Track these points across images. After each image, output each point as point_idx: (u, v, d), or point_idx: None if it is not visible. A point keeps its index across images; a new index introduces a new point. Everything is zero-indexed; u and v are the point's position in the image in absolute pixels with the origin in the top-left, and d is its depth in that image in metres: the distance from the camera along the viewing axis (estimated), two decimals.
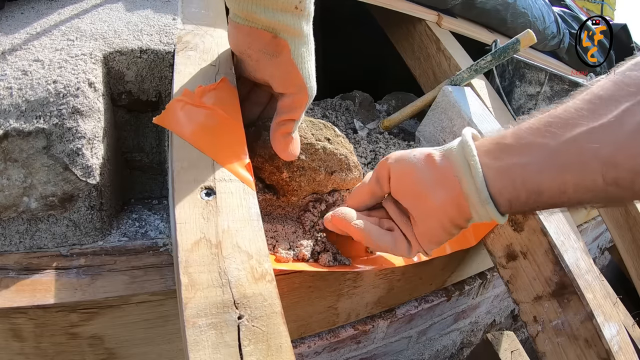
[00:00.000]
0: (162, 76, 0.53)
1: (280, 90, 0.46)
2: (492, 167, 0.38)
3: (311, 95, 0.46)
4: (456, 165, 0.40)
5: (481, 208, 0.39)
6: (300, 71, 0.44)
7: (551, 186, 0.35)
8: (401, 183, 0.44)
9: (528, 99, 0.98)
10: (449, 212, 0.41)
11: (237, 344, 0.30)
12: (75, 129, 0.42)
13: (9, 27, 0.50)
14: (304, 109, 0.47)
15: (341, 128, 0.77)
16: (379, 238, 0.45)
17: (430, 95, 0.88)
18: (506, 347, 0.90)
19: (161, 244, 0.48)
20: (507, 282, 0.65)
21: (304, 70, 0.45)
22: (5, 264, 0.42)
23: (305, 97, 0.46)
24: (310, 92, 0.46)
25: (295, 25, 0.42)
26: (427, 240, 0.44)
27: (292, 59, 0.44)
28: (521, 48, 0.73)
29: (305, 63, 0.45)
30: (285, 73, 0.44)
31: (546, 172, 0.35)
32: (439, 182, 0.41)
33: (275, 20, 0.41)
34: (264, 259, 0.36)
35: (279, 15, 0.41)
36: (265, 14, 0.41)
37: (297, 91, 0.45)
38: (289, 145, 0.47)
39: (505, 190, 0.38)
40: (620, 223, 1.16)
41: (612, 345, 0.55)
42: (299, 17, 0.42)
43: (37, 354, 0.42)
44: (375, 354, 0.79)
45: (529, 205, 0.38)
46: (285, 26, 0.42)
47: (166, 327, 0.47)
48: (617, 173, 0.32)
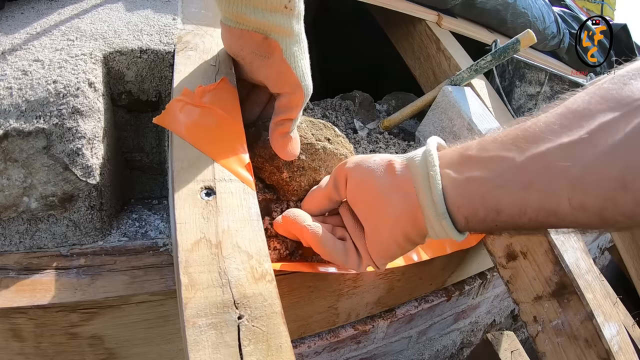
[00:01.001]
0: (162, 76, 0.53)
1: (275, 90, 0.46)
2: (452, 180, 0.35)
3: (307, 93, 0.46)
4: (416, 176, 0.37)
5: (437, 223, 0.36)
6: (293, 70, 0.44)
7: (511, 204, 0.32)
8: (357, 190, 0.42)
9: (528, 99, 0.98)
10: (404, 225, 0.38)
11: (237, 344, 0.30)
12: (75, 129, 0.42)
13: (9, 27, 0.50)
14: (301, 108, 0.47)
15: (341, 128, 0.77)
16: (331, 246, 0.42)
17: (430, 95, 0.88)
18: (506, 347, 0.90)
19: (161, 244, 0.48)
20: (507, 282, 0.65)
21: (297, 69, 0.44)
22: (5, 264, 0.42)
23: (301, 96, 0.45)
24: (306, 90, 0.45)
25: (285, 24, 0.42)
26: (378, 254, 0.41)
27: (284, 59, 0.43)
28: (521, 48, 0.73)
29: (299, 62, 0.44)
30: (278, 73, 0.44)
31: (507, 188, 0.32)
32: (395, 192, 0.38)
33: (265, 20, 0.41)
34: (264, 259, 0.36)
35: (268, 16, 0.41)
36: (255, 15, 0.40)
37: (292, 90, 0.45)
38: (288, 144, 0.46)
39: (463, 206, 0.35)
40: None
41: (612, 345, 0.55)
42: (289, 16, 0.42)
43: (37, 354, 0.42)
44: (375, 354, 0.79)
45: (487, 224, 0.35)
46: (275, 26, 0.42)
47: (166, 327, 0.47)
48: (585, 197, 0.29)
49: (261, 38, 0.42)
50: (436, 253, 0.61)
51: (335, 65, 1.48)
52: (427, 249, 0.60)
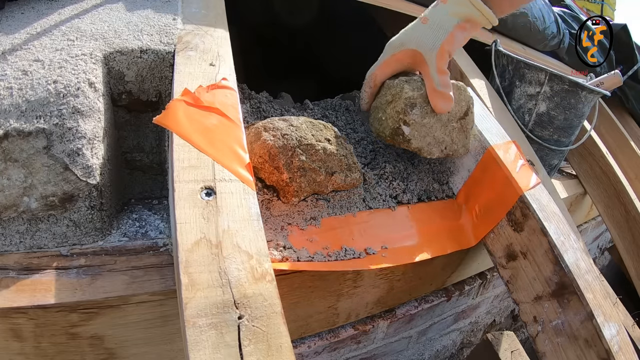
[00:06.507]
0: (162, 76, 0.53)
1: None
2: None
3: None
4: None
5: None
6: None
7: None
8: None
9: (528, 99, 0.98)
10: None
11: (237, 344, 0.30)
12: (75, 129, 0.42)
13: (9, 27, 0.50)
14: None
15: (341, 128, 0.77)
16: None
17: None
18: (506, 347, 0.90)
19: (161, 244, 0.48)
20: (507, 282, 0.65)
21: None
22: (6, 264, 0.42)
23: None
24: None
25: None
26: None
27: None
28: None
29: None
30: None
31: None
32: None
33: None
34: (264, 259, 0.36)
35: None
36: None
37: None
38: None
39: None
40: (620, 223, 1.16)
41: (612, 345, 0.55)
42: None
43: (37, 354, 0.42)
44: (375, 354, 0.79)
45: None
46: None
47: (166, 327, 0.47)
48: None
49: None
50: (436, 253, 0.61)
51: (335, 65, 1.48)
52: (427, 248, 0.60)
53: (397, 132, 0.61)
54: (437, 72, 0.59)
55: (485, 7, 0.58)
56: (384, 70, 0.65)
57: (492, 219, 0.65)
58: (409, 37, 0.61)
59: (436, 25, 0.59)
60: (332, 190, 0.56)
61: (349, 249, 0.53)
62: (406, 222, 0.62)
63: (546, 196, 0.65)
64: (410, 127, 0.60)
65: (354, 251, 0.53)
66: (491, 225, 0.65)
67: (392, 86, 0.63)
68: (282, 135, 0.50)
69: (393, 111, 0.61)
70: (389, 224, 0.60)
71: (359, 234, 0.56)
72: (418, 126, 0.61)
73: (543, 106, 0.96)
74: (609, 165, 1.18)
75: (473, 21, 0.59)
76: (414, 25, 0.62)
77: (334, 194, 0.56)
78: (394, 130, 0.61)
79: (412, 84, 0.62)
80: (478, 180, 0.68)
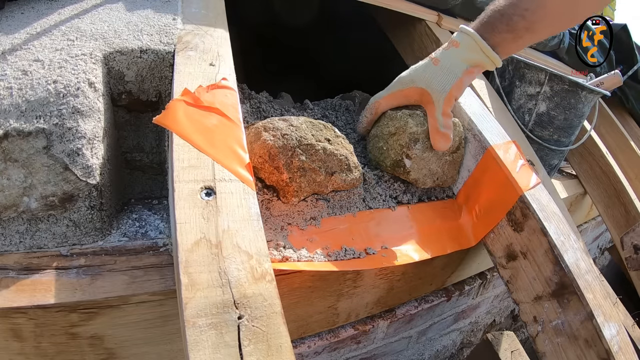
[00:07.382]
0: (162, 76, 0.53)
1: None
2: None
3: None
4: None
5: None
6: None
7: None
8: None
9: (528, 99, 0.98)
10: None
11: (237, 344, 0.30)
12: (75, 129, 0.42)
13: (9, 27, 0.50)
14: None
15: (341, 128, 0.77)
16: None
17: None
18: (506, 347, 0.90)
19: (161, 244, 0.48)
20: (507, 282, 0.65)
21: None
22: (5, 264, 0.42)
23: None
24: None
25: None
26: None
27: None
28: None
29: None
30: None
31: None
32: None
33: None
34: (264, 259, 0.36)
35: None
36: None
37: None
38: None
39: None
40: (620, 223, 1.16)
41: (612, 346, 0.55)
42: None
43: (37, 354, 0.42)
44: (375, 354, 0.79)
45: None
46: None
47: (166, 327, 0.47)
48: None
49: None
50: (436, 253, 0.61)
51: (335, 65, 1.48)
52: (427, 248, 0.60)
53: (398, 164, 0.64)
54: (443, 114, 0.62)
55: (494, 53, 0.60)
56: (390, 102, 0.67)
57: (492, 219, 0.65)
58: (419, 76, 0.63)
59: (447, 69, 0.61)
60: (332, 190, 0.56)
61: (349, 249, 0.53)
62: (406, 222, 0.62)
63: (546, 196, 0.65)
64: (412, 160, 0.63)
65: (354, 251, 0.53)
66: (491, 225, 0.65)
67: (396, 118, 0.65)
68: (282, 135, 0.50)
69: (396, 144, 0.64)
70: (389, 224, 0.60)
71: (358, 234, 0.56)
72: (418, 160, 0.63)
73: (543, 106, 0.96)
74: (609, 165, 1.18)
75: (481, 66, 0.62)
76: (425, 65, 0.64)
77: (334, 194, 0.56)
78: (395, 162, 0.64)
79: (415, 119, 0.64)
80: (478, 180, 0.68)
